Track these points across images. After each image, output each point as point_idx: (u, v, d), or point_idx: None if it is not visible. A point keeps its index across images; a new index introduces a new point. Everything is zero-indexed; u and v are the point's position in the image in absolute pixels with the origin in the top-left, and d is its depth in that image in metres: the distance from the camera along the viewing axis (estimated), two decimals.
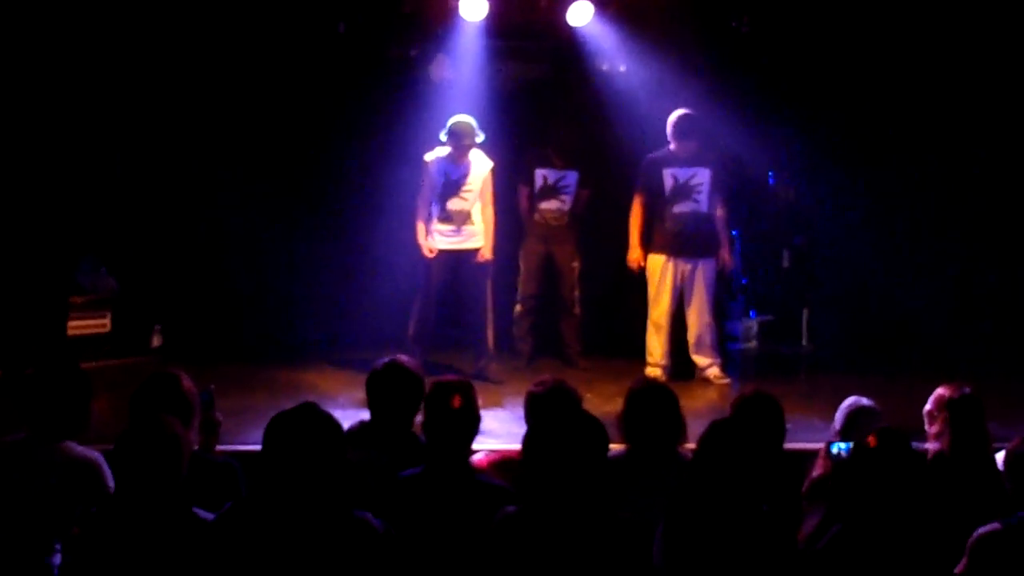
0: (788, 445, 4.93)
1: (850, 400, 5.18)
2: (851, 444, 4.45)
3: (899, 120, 9.34)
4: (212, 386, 4.83)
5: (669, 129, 8.25)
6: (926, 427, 5.02)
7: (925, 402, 5.09)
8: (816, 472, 4.84)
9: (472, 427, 4.28)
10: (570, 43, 9.17)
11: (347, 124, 9.22)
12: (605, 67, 9.35)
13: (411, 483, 4.13)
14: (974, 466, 4.60)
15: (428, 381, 4.52)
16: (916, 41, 9.00)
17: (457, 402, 4.23)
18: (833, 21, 9.02)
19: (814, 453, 5.04)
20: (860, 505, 3.81)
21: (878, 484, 3.80)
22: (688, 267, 8.34)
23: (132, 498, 3.73)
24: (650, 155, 8.37)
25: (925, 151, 9.34)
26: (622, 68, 9.30)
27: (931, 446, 4.88)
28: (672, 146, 8.29)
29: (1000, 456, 4.52)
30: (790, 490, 4.70)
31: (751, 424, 4.41)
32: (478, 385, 4.62)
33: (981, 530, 3.94)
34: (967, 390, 4.83)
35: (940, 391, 4.93)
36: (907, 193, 9.48)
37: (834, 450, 4.76)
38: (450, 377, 4.49)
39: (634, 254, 8.38)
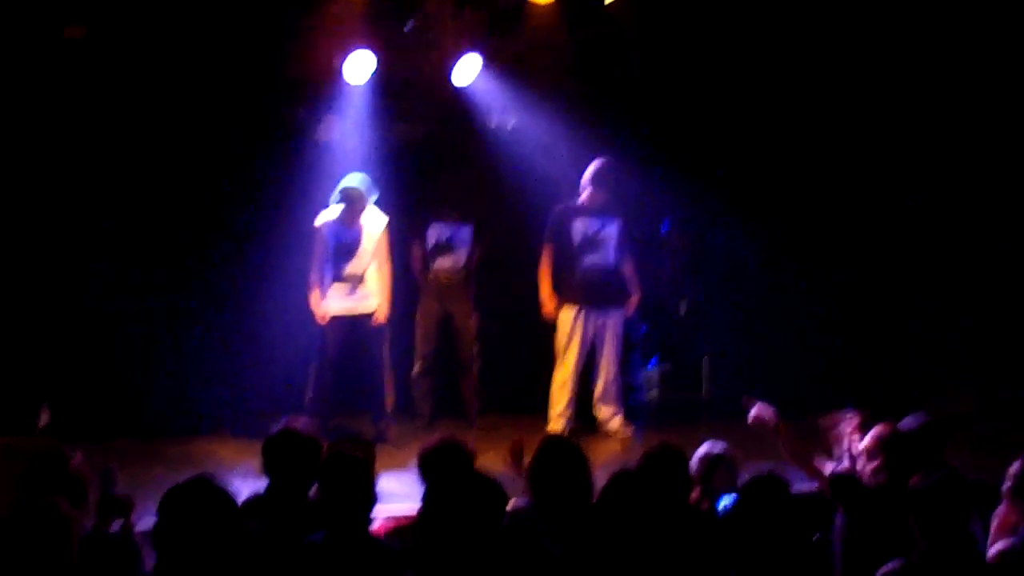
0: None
1: (705, 446, 5.25)
2: (735, 498, 4.51)
3: (789, 167, 9.49)
4: (114, 465, 4.67)
5: (587, 177, 8.29)
6: (860, 465, 5.05)
7: (820, 442, 5.18)
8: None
9: (371, 492, 4.19)
10: (458, 100, 9.18)
11: (234, 187, 9.08)
12: (494, 122, 9.38)
13: (313, 550, 4.03)
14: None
15: (325, 446, 4.43)
16: (806, 89, 9.18)
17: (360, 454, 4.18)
18: (720, 68, 9.16)
19: None
20: (749, 557, 3.85)
21: (762, 533, 3.86)
22: (599, 319, 8.37)
23: None
24: (560, 205, 8.41)
25: (815, 197, 9.50)
26: (511, 123, 9.34)
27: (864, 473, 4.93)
28: (583, 197, 8.33)
29: None
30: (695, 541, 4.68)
31: (658, 477, 4.44)
32: (379, 448, 4.55)
33: (885, 568, 3.96)
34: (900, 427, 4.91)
35: (878, 429, 5.01)
36: (799, 238, 9.62)
37: (720, 507, 4.82)
38: (347, 443, 4.44)
39: (549, 306, 8.38)
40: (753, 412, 5.30)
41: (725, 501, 4.83)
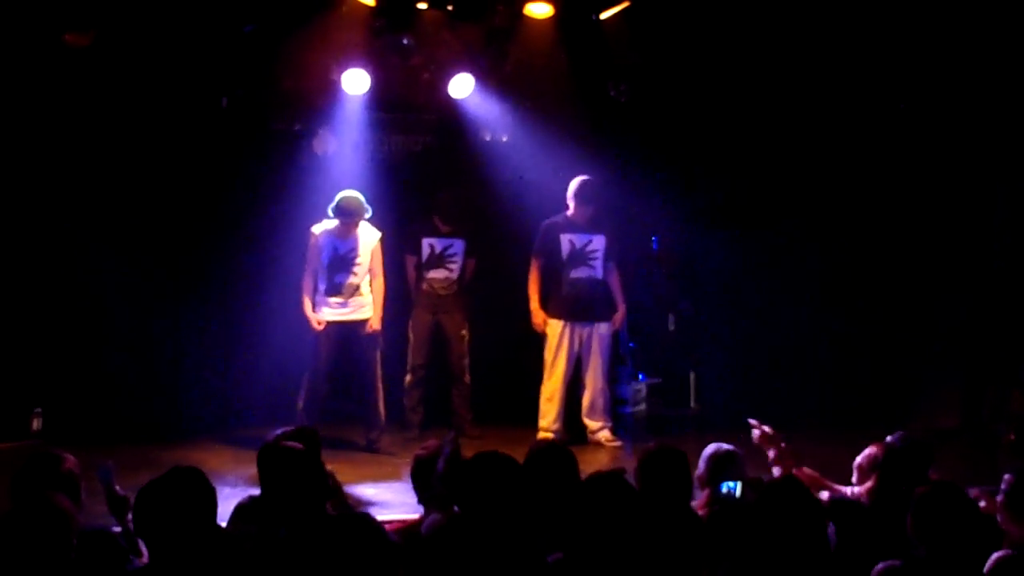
0: None
1: (712, 447, 5.27)
2: (739, 483, 4.54)
3: (777, 182, 9.58)
4: (110, 461, 4.72)
5: (570, 193, 8.39)
6: (854, 480, 5.15)
7: (811, 457, 5.26)
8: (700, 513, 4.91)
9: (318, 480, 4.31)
10: (452, 115, 9.27)
11: (231, 199, 9.14)
12: (488, 137, 9.47)
13: (278, 542, 4.08)
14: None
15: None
16: (797, 104, 9.26)
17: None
18: (710, 87, 9.25)
19: None
20: (754, 547, 3.88)
21: (781, 531, 3.89)
22: (585, 332, 8.46)
23: None
24: (548, 220, 8.51)
25: (803, 212, 9.58)
26: (505, 138, 9.43)
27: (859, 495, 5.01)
28: (570, 211, 8.43)
29: None
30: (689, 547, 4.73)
31: (656, 481, 4.47)
32: (371, 458, 4.59)
33: (883, 565, 4.03)
34: (897, 445, 4.99)
35: (872, 449, 5.10)
36: (787, 253, 9.70)
37: (723, 490, 4.81)
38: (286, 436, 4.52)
39: (538, 317, 8.47)
40: (757, 433, 5.36)
41: (728, 485, 4.81)
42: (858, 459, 5.28)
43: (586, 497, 3.75)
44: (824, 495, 5.13)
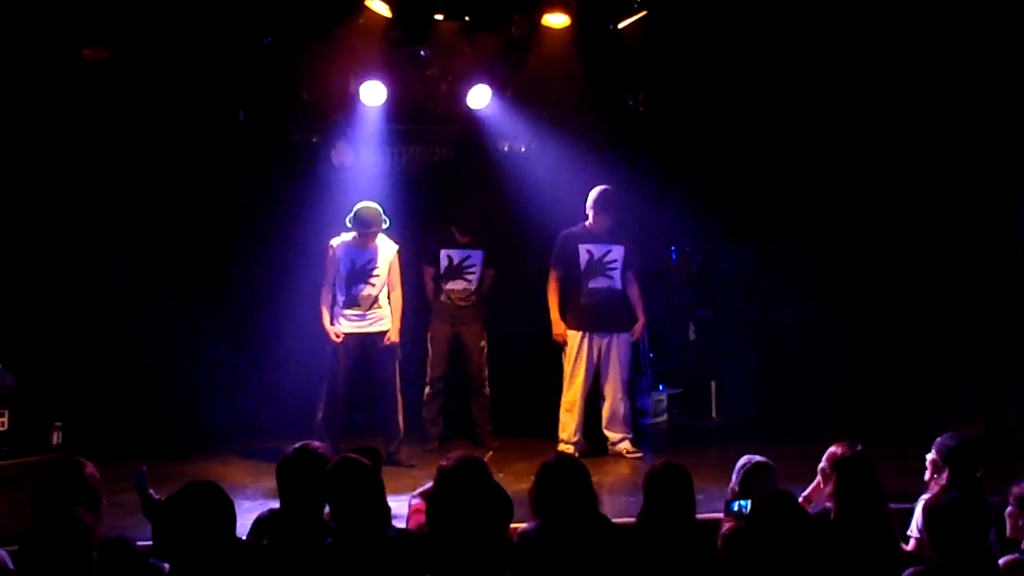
0: (702, 515, 4.96)
1: (744, 458, 5.28)
2: (749, 501, 4.55)
3: (796, 190, 9.54)
4: (144, 467, 4.76)
5: (589, 203, 8.36)
6: (819, 483, 5.15)
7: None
8: (725, 528, 4.89)
9: (379, 497, 4.32)
10: (471, 125, 9.27)
11: (250, 211, 9.16)
12: (506, 148, 9.46)
13: (326, 552, 4.11)
14: (867, 522, 4.68)
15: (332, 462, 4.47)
16: (815, 112, 9.23)
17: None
18: (728, 96, 9.22)
19: None
20: (757, 566, 3.88)
21: (770, 545, 3.89)
22: (604, 342, 8.41)
23: None
24: (566, 230, 8.48)
25: (822, 220, 9.54)
26: (523, 148, 9.42)
27: (828, 503, 4.97)
28: (588, 221, 8.40)
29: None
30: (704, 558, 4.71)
31: (663, 497, 4.47)
32: (390, 470, 4.59)
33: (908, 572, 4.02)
34: (858, 448, 4.95)
35: (832, 449, 5.08)
36: (807, 261, 9.66)
37: (734, 507, 4.85)
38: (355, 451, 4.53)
39: (559, 328, 8.43)
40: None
41: (739, 504, 4.84)
42: (821, 462, 5.23)
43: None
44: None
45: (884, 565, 4.24)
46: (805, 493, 5.34)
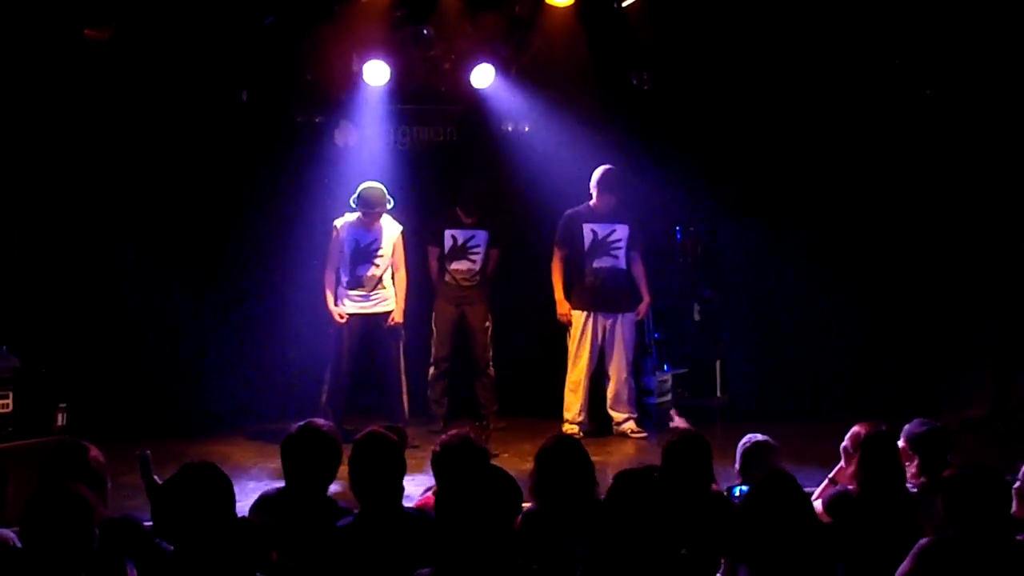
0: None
1: (746, 437, 5.27)
2: (748, 488, 4.54)
3: (801, 170, 9.50)
4: (148, 451, 4.78)
5: (593, 183, 8.34)
6: (843, 464, 5.13)
7: (838, 447, 5.21)
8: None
9: (401, 472, 4.32)
10: (474, 105, 9.24)
11: (253, 192, 9.14)
12: (510, 127, 9.43)
13: (345, 531, 4.12)
14: (889, 502, 4.66)
15: (360, 434, 4.48)
16: (820, 92, 9.18)
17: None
18: (733, 74, 9.18)
19: None
20: (757, 547, 3.87)
21: (770, 526, 3.88)
22: (608, 322, 8.41)
23: (42, 564, 3.61)
24: (570, 210, 8.46)
25: (828, 199, 9.50)
26: (527, 128, 9.39)
27: (850, 484, 4.96)
28: (592, 201, 8.38)
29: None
30: (711, 534, 4.70)
31: (680, 468, 4.47)
32: None
33: (921, 543, 4.01)
34: (883, 427, 4.92)
35: (855, 429, 5.06)
36: (812, 240, 9.62)
37: (735, 493, 4.84)
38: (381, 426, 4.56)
39: (563, 308, 8.43)
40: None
41: (740, 489, 4.85)
42: (844, 442, 5.23)
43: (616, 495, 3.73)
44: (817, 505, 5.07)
45: (905, 542, 4.21)
46: (831, 475, 5.34)
